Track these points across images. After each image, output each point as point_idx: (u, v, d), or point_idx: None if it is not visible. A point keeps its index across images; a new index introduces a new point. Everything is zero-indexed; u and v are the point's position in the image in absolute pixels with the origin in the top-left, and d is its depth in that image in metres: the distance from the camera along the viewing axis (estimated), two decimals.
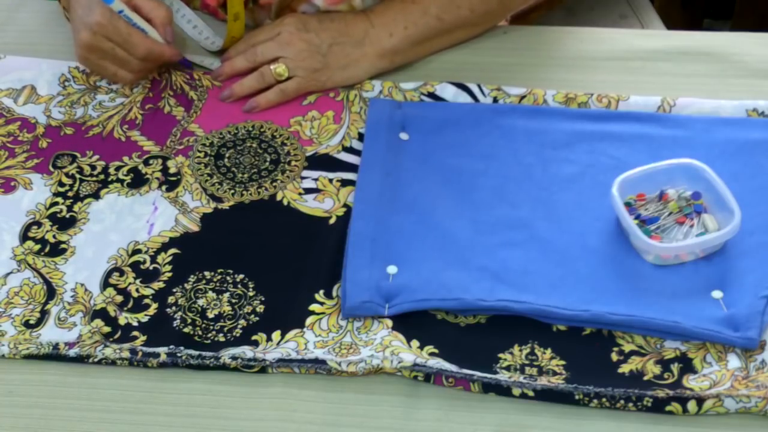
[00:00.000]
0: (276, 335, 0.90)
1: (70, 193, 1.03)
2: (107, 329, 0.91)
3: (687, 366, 0.87)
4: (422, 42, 1.12)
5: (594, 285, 0.92)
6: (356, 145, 1.06)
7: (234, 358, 0.88)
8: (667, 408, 0.84)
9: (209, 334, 0.91)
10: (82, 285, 0.95)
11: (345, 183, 1.03)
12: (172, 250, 0.98)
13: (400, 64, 1.13)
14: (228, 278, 0.95)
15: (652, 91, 1.10)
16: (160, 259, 0.97)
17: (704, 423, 0.84)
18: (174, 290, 0.94)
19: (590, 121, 1.07)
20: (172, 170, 1.05)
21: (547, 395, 0.85)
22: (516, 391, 0.85)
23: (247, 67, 1.11)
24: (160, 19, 1.08)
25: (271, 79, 1.10)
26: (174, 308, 0.93)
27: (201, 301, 0.93)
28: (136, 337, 0.91)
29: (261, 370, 0.88)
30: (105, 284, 0.95)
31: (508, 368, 0.87)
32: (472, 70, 1.14)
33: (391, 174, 1.02)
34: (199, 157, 1.06)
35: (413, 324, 0.90)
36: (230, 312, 0.92)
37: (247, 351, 0.89)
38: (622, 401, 0.84)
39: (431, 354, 0.88)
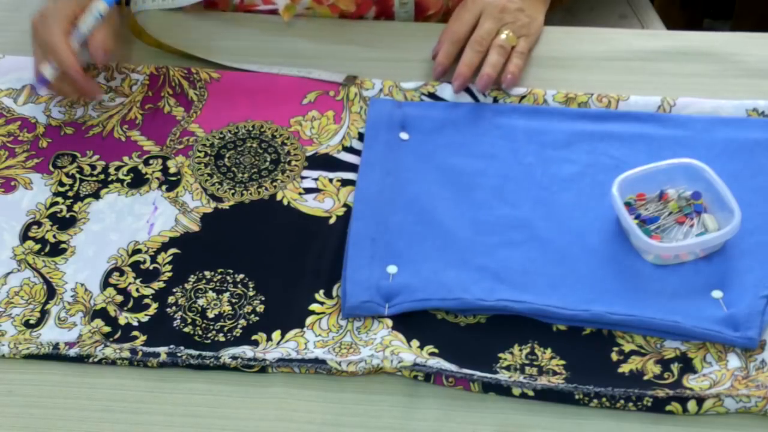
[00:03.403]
0: (276, 335, 0.90)
1: (70, 193, 1.03)
2: (107, 329, 0.91)
3: (687, 366, 0.87)
4: None
5: (594, 285, 0.92)
6: (356, 144, 1.06)
7: (234, 357, 0.88)
8: (667, 408, 0.84)
9: (209, 334, 0.91)
10: (82, 285, 0.95)
11: (345, 183, 1.03)
12: (172, 250, 0.98)
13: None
14: (228, 278, 0.95)
15: (652, 91, 1.10)
16: (160, 259, 0.97)
17: (704, 423, 0.84)
18: (174, 290, 0.94)
19: (590, 121, 1.07)
20: (172, 170, 1.05)
21: (547, 395, 0.85)
22: (516, 391, 0.85)
23: (480, 58, 1.11)
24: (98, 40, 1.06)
25: (509, 48, 1.11)
26: (174, 308, 0.93)
27: (201, 301, 0.93)
28: (136, 337, 0.91)
29: (261, 370, 0.88)
30: (105, 284, 0.95)
31: (508, 368, 0.87)
32: None
33: (391, 174, 1.02)
34: (199, 156, 1.06)
35: (413, 324, 0.90)
36: (230, 312, 0.92)
37: (247, 351, 0.89)
38: (622, 401, 0.84)
39: (431, 354, 0.88)
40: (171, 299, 0.94)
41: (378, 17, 1.24)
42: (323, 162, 1.05)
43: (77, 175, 1.05)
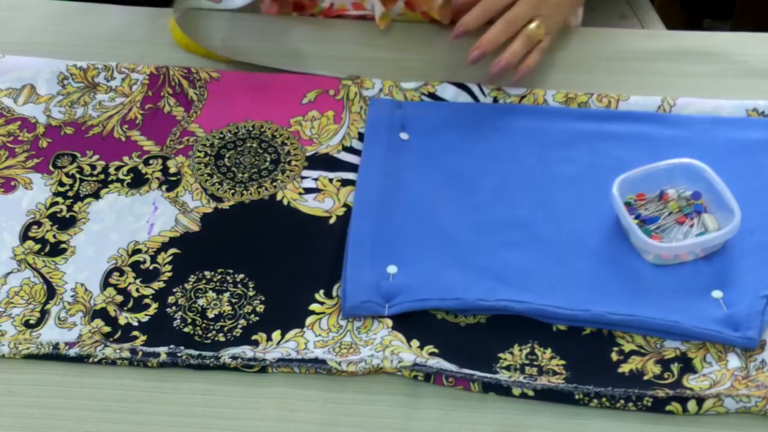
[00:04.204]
0: (276, 335, 0.90)
1: (70, 193, 1.03)
2: (107, 329, 0.91)
3: (687, 366, 0.87)
4: None
5: (594, 285, 0.92)
6: (356, 144, 1.06)
7: (234, 357, 0.88)
8: (667, 408, 0.84)
9: (209, 334, 0.91)
10: (82, 285, 0.95)
11: (345, 183, 1.03)
12: (172, 250, 0.98)
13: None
14: (228, 278, 0.95)
15: (652, 91, 1.10)
16: (160, 258, 0.97)
17: (704, 423, 0.84)
18: (174, 290, 0.94)
19: (590, 121, 1.07)
20: (172, 170, 1.05)
21: (547, 395, 0.85)
22: (516, 391, 0.85)
23: (506, 38, 1.08)
24: None
25: (535, 41, 1.09)
26: (174, 308, 0.93)
27: (201, 301, 0.93)
28: (136, 337, 0.91)
29: (261, 369, 0.88)
30: (105, 284, 0.95)
31: (508, 368, 0.87)
32: (472, 70, 1.14)
33: (391, 174, 1.02)
34: (199, 156, 1.06)
35: (413, 324, 0.90)
36: (230, 312, 0.92)
37: (247, 351, 0.89)
38: (622, 401, 0.84)
39: (431, 354, 0.88)
40: (171, 299, 0.94)
41: None
42: (323, 162, 1.05)
43: (77, 175, 1.05)
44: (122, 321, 0.92)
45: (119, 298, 0.94)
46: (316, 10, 1.25)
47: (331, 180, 1.03)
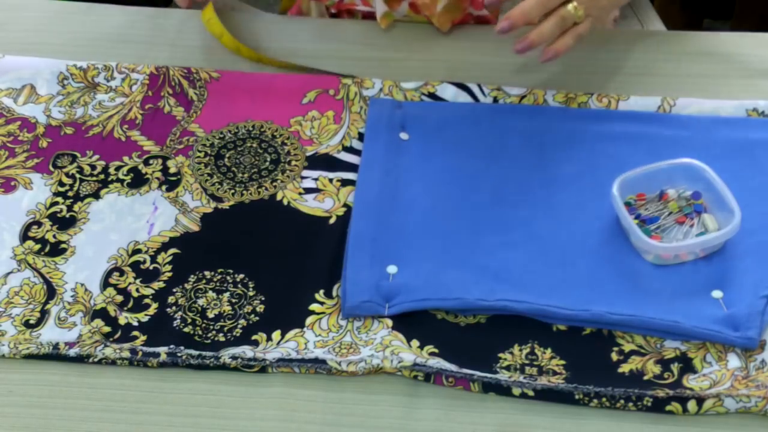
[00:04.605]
0: (276, 335, 0.90)
1: (70, 193, 1.03)
2: (107, 329, 0.91)
3: (687, 366, 0.87)
4: None
5: (594, 285, 0.92)
6: (356, 144, 1.07)
7: (234, 357, 0.88)
8: (667, 408, 0.84)
9: (209, 334, 0.91)
10: (82, 285, 0.95)
11: (345, 183, 1.03)
12: (172, 250, 0.98)
13: None
14: (228, 278, 0.95)
15: (652, 91, 1.10)
16: (160, 258, 0.97)
17: (704, 423, 0.84)
18: (174, 290, 0.94)
19: (590, 121, 1.07)
20: (172, 170, 1.05)
21: (547, 395, 0.85)
22: (516, 391, 0.85)
23: (541, 14, 1.00)
24: None
25: (570, 23, 1.02)
26: (174, 308, 0.93)
27: (201, 301, 0.93)
28: (136, 337, 0.91)
29: (261, 369, 0.88)
30: (105, 284, 0.95)
31: (508, 368, 0.87)
32: (472, 70, 1.14)
33: (391, 174, 1.02)
34: (199, 156, 1.06)
35: (413, 324, 0.90)
36: (230, 312, 0.92)
37: (247, 351, 0.89)
38: (622, 401, 0.84)
39: (431, 354, 0.88)
40: (171, 299, 0.94)
41: None
42: (323, 162, 1.05)
43: (77, 175, 1.05)
44: (122, 321, 0.92)
45: (119, 298, 0.94)
46: (329, 3, 1.25)
47: (331, 180, 1.03)
